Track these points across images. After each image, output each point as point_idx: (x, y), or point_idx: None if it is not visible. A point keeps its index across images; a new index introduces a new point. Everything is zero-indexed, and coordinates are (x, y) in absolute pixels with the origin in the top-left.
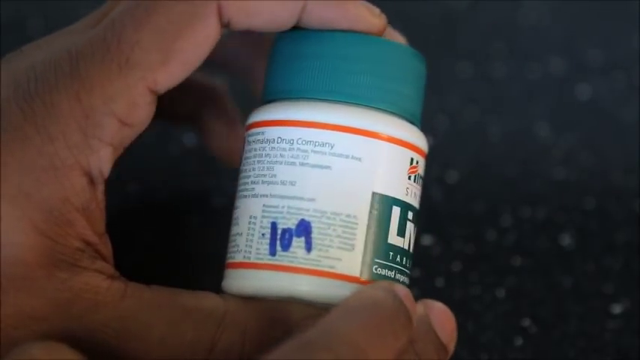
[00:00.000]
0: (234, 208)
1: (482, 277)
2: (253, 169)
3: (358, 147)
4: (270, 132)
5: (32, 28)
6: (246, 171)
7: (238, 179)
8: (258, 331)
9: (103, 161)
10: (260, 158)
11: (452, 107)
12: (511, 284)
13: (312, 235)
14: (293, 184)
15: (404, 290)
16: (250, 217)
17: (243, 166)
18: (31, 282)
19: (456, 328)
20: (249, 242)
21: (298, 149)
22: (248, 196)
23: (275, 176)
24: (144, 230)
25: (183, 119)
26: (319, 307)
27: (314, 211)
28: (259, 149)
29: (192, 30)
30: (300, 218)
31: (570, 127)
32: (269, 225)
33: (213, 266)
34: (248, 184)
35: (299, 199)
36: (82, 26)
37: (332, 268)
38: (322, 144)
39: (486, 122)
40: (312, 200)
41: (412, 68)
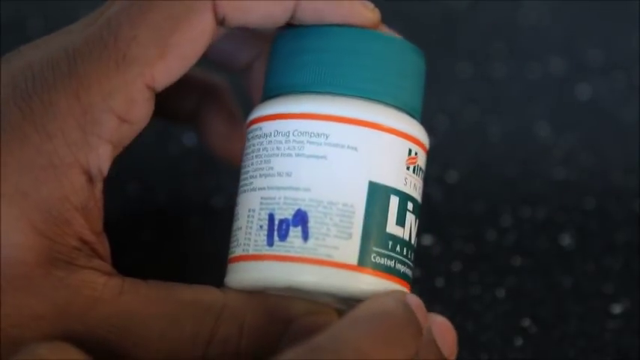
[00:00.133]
0: (235, 204)
1: (482, 277)
2: (252, 163)
3: (354, 137)
4: (267, 126)
5: (32, 28)
6: (245, 167)
7: (239, 176)
8: (256, 325)
9: (102, 159)
10: (258, 153)
11: (452, 107)
12: (511, 284)
13: (309, 224)
14: (289, 175)
15: (415, 300)
16: (249, 210)
17: (243, 163)
18: (29, 281)
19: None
20: (248, 235)
21: (294, 141)
22: (247, 190)
23: (272, 169)
24: (144, 230)
25: (185, 117)
26: (320, 304)
27: (310, 200)
28: (257, 144)
29: (189, 24)
30: (296, 208)
31: (570, 127)
32: (266, 216)
33: (213, 266)
34: (247, 179)
35: (295, 189)
36: (80, 26)
37: (329, 256)
38: (317, 134)
39: (486, 122)
40: (308, 190)
41: (408, 61)
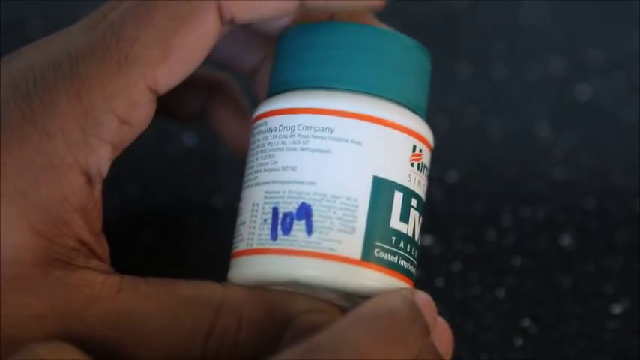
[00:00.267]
0: (239, 200)
1: (482, 277)
2: (256, 159)
3: (358, 131)
4: (272, 121)
5: (32, 28)
6: (250, 162)
7: (244, 172)
8: (255, 319)
9: (102, 160)
10: (263, 148)
11: (452, 107)
12: (511, 284)
13: (313, 218)
14: (294, 169)
15: (424, 298)
16: (253, 205)
17: (247, 158)
18: (28, 281)
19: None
20: (252, 229)
21: (299, 135)
22: (251, 185)
23: (276, 163)
24: (144, 230)
25: (192, 116)
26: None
27: (314, 194)
28: (262, 139)
29: (192, 26)
30: (300, 202)
31: (570, 127)
32: (270, 210)
33: (213, 266)
34: (251, 174)
35: (299, 183)
36: (80, 27)
37: (332, 250)
38: (322, 129)
39: (486, 122)
40: (313, 184)
41: (414, 59)
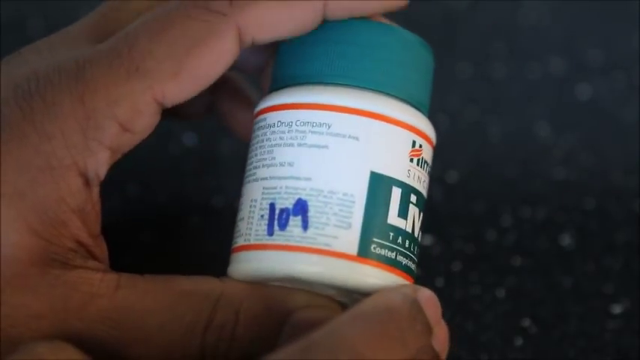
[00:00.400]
0: (240, 196)
1: (482, 277)
2: (256, 154)
3: (356, 126)
4: (271, 117)
5: (32, 28)
6: (249, 158)
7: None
8: (253, 313)
9: (100, 164)
10: (262, 143)
11: (452, 107)
12: (511, 284)
13: (309, 213)
14: (291, 164)
15: (426, 295)
16: (251, 200)
17: (248, 154)
18: (26, 280)
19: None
20: (250, 225)
21: (297, 130)
22: (250, 181)
23: (274, 159)
24: (144, 230)
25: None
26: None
27: (311, 189)
28: (261, 135)
29: (207, 46)
30: (297, 197)
31: (570, 127)
32: (268, 206)
33: (213, 266)
34: (251, 169)
35: (296, 178)
36: (80, 27)
37: (328, 245)
38: (320, 124)
39: (486, 122)
40: (309, 179)
41: (413, 54)
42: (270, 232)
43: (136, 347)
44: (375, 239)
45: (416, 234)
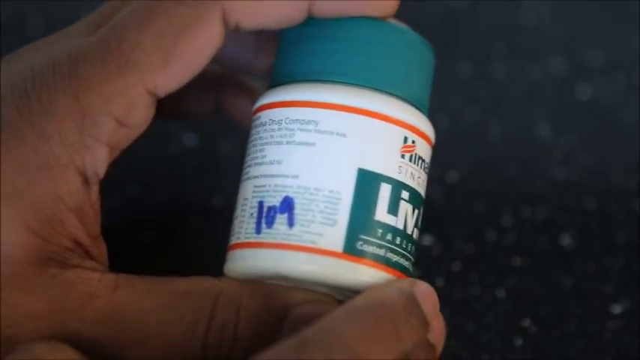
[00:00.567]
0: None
1: (482, 277)
2: (249, 153)
3: (343, 123)
4: (264, 115)
5: (32, 28)
6: (245, 156)
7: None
8: (253, 310)
9: (99, 161)
10: (255, 142)
11: (452, 107)
12: (511, 284)
13: (295, 211)
14: (280, 162)
15: (423, 290)
16: (243, 199)
17: (245, 153)
18: (23, 280)
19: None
20: (241, 223)
21: (286, 128)
22: (244, 180)
23: (265, 157)
24: (144, 230)
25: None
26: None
27: (297, 187)
28: (255, 133)
29: (194, 33)
30: (284, 195)
31: (570, 127)
32: (257, 204)
33: (213, 266)
34: (245, 168)
35: (284, 176)
36: (80, 27)
37: (313, 243)
38: (307, 122)
39: (486, 122)
40: (296, 177)
41: (403, 47)
42: (258, 230)
43: (135, 349)
44: (361, 236)
45: (409, 231)
